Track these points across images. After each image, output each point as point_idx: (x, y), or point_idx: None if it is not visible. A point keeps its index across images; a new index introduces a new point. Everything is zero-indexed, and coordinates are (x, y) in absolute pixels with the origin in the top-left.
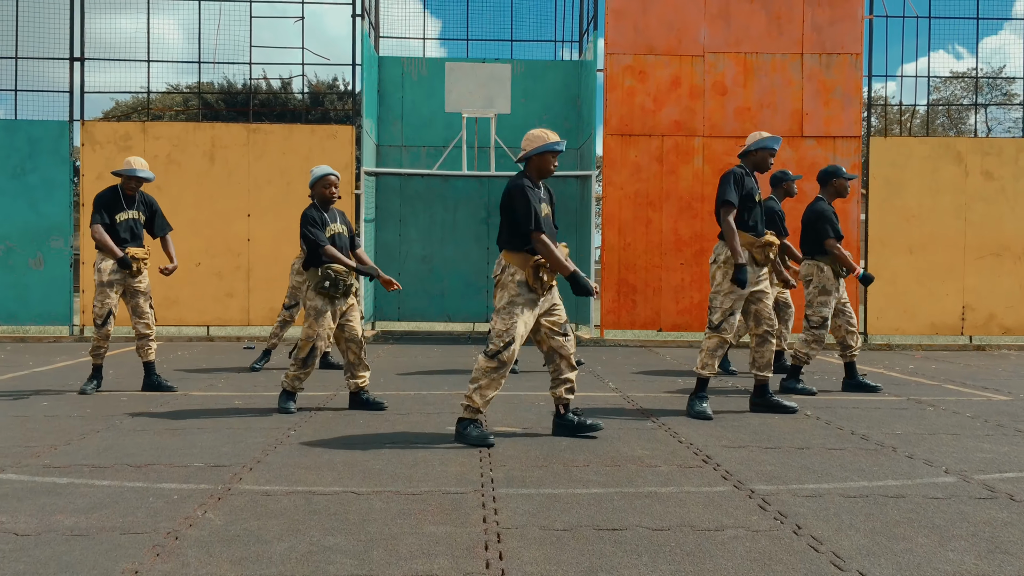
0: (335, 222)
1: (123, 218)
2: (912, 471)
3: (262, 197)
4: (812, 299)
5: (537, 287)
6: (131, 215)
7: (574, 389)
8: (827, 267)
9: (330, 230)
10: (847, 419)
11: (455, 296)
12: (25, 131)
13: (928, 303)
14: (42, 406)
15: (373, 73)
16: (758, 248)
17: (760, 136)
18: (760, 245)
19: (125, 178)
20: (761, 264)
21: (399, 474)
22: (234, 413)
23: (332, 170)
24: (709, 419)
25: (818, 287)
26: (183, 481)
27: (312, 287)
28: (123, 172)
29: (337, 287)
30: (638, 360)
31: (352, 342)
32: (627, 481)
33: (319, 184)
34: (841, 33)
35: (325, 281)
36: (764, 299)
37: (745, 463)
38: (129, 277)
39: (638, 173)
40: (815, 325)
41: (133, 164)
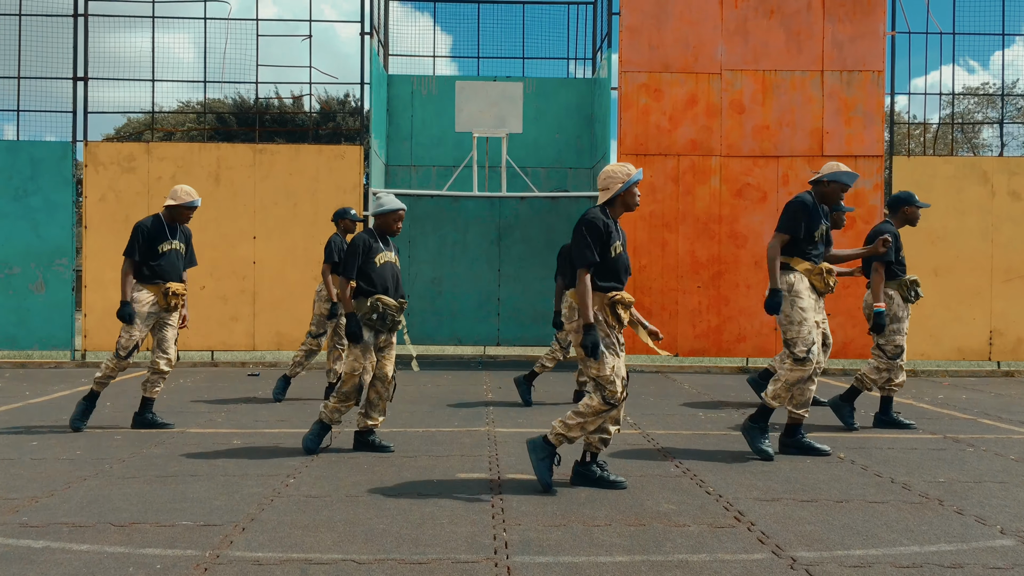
0: (387, 250)
1: (166, 248)
2: (965, 532)
3: (268, 219)
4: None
5: (615, 323)
6: (174, 246)
7: (608, 441)
8: (895, 293)
9: (381, 258)
10: (884, 463)
11: (465, 319)
12: (27, 152)
13: (954, 327)
14: (31, 446)
15: (382, 92)
16: (816, 276)
17: (836, 168)
18: (818, 272)
19: (180, 208)
20: (821, 293)
21: (404, 536)
22: (231, 455)
23: (402, 204)
24: (770, 459)
25: (888, 315)
26: (168, 545)
27: (359, 318)
28: (185, 204)
29: (384, 321)
30: (655, 388)
31: (379, 380)
32: (654, 546)
33: (390, 217)
34: (862, 50)
35: (373, 313)
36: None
37: (781, 521)
38: (164, 311)
39: (653, 193)
40: (891, 355)
41: (185, 195)
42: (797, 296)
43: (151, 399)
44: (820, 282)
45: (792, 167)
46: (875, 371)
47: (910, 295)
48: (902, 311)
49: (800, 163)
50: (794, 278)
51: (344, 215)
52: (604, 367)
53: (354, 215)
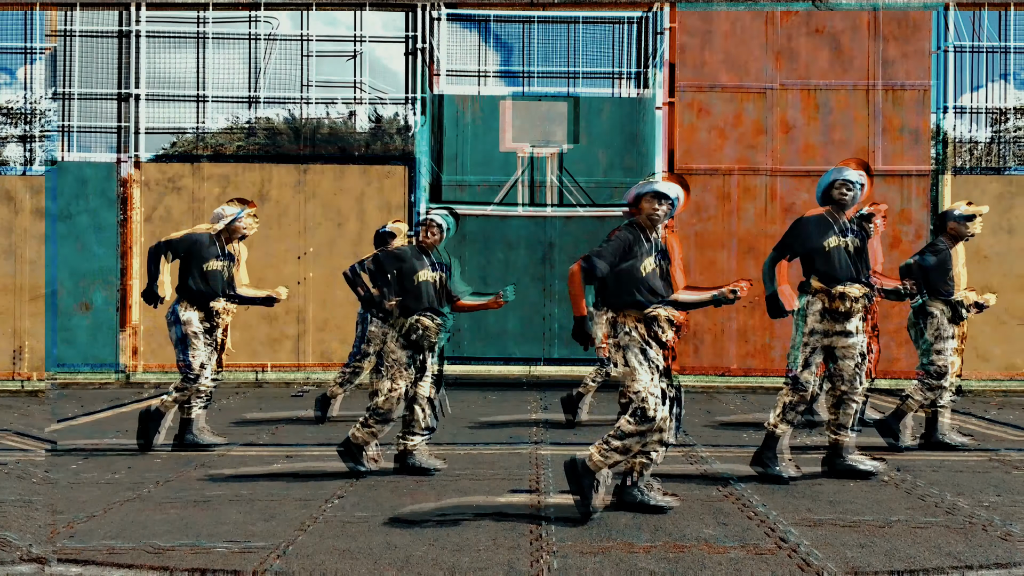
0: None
1: (213, 267)
2: (1012, 555)
3: (313, 238)
4: (928, 348)
5: (651, 340)
6: (221, 265)
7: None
8: (939, 311)
9: (420, 276)
10: (930, 484)
11: (512, 337)
12: (73, 172)
13: (1003, 346)
14: (72, 468)
15: (428, 110)
16: (834, 300)
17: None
18: (831, 296)
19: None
20: (842, 316)
21: (442, 562)
22: (272, 478)
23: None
24: (785, 482)
25: (934, 334)
26: (203, 572)
27: (397, 337)
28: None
29: (422, 342)
30: (702, 407)
31: (417, 401)
32: (693, 572)
33: (419, 228)
34: (909, 67)
35: (412, 334)
36: (846, 356)
37: (824, 546)
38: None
39: (700, 212)
40: (936, 375)
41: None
42: (802, 319)
43: (189, 420)
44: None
45: None
46: (919, 391)
47: (956, 315)
48: (946, 331)
49: None
50: (807, 300)
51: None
52: (637, 382)
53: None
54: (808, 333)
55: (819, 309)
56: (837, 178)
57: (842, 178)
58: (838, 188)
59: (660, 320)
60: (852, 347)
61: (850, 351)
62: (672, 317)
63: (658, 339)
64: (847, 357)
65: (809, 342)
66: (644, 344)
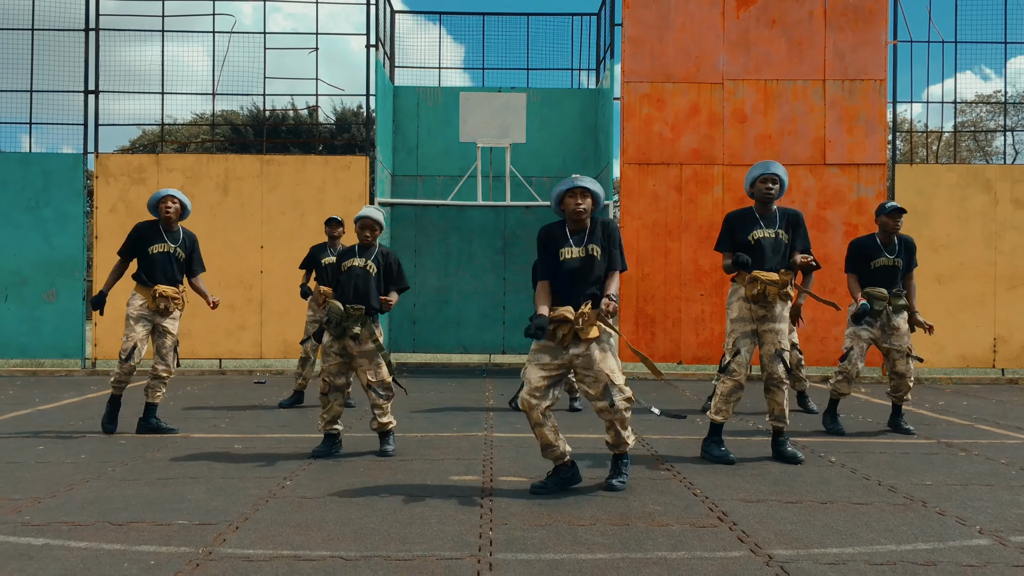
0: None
1: (156, 251)
2: (944, 532)
3: (275, 229)
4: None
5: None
6: (166, 248)
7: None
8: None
9: (347, 264)
10: (874, 467)
11: (471, 327)
12: (39, 164)
13: (958, 335)
14: (37, 450)
15: (388, 103)
16: (748, 285)
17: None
18: (749, 282)
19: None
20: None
21: (393, 535)
22: (231, 459)
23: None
24: (731, 463)
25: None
26: (163, 543)
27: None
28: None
29: (330, 325)
30: (657, 396)
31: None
32: (635, 544)
33: (356, 226)
34: (864, 59)
35: (326, 317)
36: (764, 342)
37: (763, 521)
38: (158, 315)
39: (656, 202)
40: (841, 359)
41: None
42: (728, 307)
43: (153, 404)
44: (750, 290)
45: (795, 175)
46: (836, 375)
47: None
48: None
49: (803, 171)
50: (732, 289)
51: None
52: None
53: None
54: (731, 320)
55: (740, 295)
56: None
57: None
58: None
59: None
60: (772, 333)
61: (767, 337)
62: (565, 316)
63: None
64: (765, 343)
65: (735, 329)
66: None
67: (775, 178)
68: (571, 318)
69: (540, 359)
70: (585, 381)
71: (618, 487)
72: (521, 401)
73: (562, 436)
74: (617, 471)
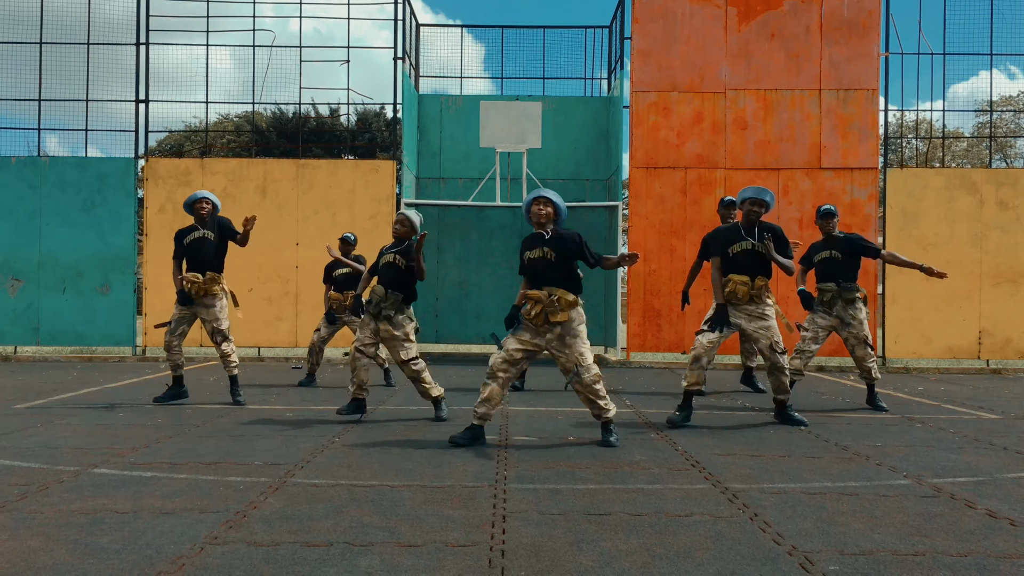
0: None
1: (190, 239)
2: (874, 475)
3: (309, 227)
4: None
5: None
6: (197, 235)
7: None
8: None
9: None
10: (836, 433)
11: (490, 320)
12: (95, 168)
13: (945, 328)
14: (119, 416)
15: (413, 110)
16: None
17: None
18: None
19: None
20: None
21: (427, 472)
22: (287, 423)
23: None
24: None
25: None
26: (247, 475)
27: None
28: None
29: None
30: (659, 381)
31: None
32: (620, 479)
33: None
34: (858, 69)
35: (368, 298)
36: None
37: (728, 467)
38: (192, 304)
39: (663, 204)
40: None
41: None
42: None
43: (232, 376)
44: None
45: (792, 179)
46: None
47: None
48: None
49: (800, 175)
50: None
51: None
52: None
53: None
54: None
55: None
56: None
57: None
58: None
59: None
60: (763, 329)
61: (760, 334)
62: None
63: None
64: (760, 339)
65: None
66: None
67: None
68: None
69: (521, 335)
70: (559, 359)
71: (614, 443)
72: (493, 364)
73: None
74: (608, 432)
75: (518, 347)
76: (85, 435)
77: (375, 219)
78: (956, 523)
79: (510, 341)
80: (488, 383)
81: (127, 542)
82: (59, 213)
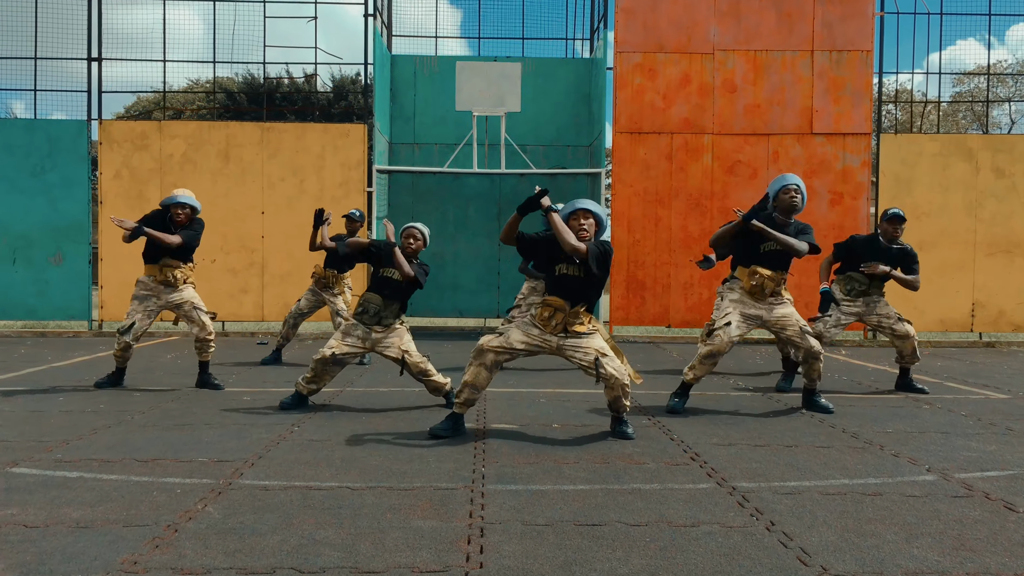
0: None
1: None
2: (894, 470)
3: (275, 195)
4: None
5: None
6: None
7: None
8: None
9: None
10: (841, 417)
11: (467, 292)
12: (44, 130)
13: (938, 299)
14: (58, 401)
15: (385, 71)
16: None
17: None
18: (747, 275)
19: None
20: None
21: (394, 470)
22: (242, 409)
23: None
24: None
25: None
26: (186, 476)
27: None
28: (165, 201)
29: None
30: (645, 356)
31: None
32: (613, 478)
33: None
34: (851, 30)
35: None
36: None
37: (732, 461)
38: (164, 293)
39: (647, 170)
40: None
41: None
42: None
43: (203, 362)
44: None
45: (782, 144)
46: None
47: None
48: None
49: (790, 140)
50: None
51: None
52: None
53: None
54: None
55: (740, 286)
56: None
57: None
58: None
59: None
60: (786, 318)
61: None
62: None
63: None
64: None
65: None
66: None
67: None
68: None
69: (529, 331)
70: (574, 359)
71: (631, 435)
72: (485, 343)
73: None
74: (622, 423)
75: (524, 340)
76: (14, 424)
77: (345, 186)
78: (1001, 532)
79: (514, 332)
80: (474, 364)
81: (25, 570)
82: (6, 179)
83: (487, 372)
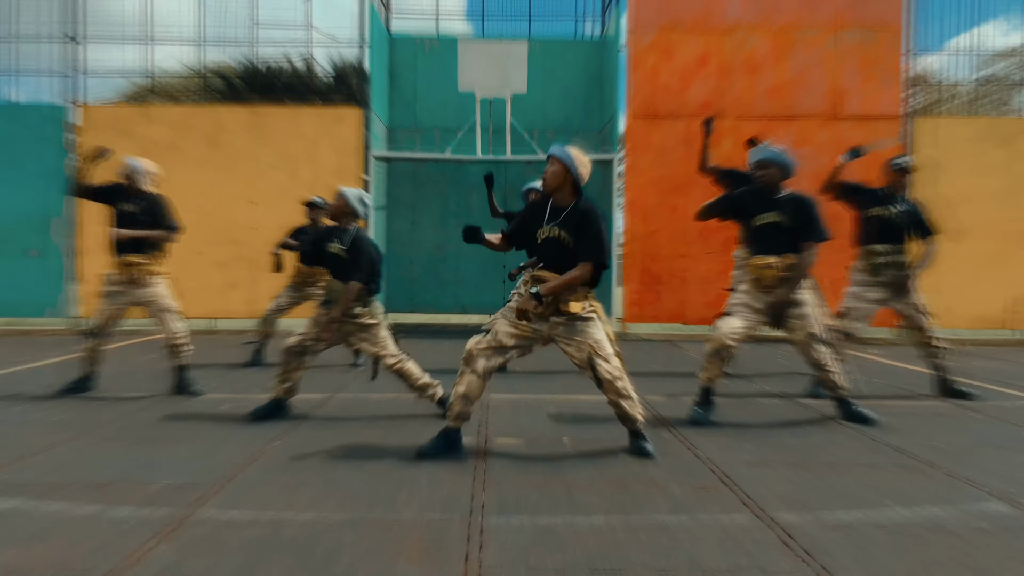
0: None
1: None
2: (953, 495)
3: (267, 183)
4: None
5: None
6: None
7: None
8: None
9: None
10: (882, 428)
11: (470, 287)
12: (20, 116)
13: (972, 294)
14: (16, 410)
15: (383, 52)
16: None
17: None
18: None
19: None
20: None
21: (381, 497)
22: (218, 419)
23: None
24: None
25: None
26: (142, 504)
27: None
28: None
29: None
30: (661, 356)
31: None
32: (633, 507)
33: None
34: (881, 6)
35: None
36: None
37: (768, 484)
38: (133, 287)
39: (663, 157)
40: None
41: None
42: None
43: (179, 366)
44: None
45: (807, 128)
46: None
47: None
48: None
49: (816, 124)
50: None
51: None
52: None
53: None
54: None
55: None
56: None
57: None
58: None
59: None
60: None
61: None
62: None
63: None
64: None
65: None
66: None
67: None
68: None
69: (517, 320)
70: (568, 350)
71: (651, 453)
72: (472, 346)
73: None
74: (640, 437)
75: (511, 332)
76: None
77: (340, 174)
78: None
79: (501, 324)
80: (465, 373)
81: None
82: None
83: (480, 380)
